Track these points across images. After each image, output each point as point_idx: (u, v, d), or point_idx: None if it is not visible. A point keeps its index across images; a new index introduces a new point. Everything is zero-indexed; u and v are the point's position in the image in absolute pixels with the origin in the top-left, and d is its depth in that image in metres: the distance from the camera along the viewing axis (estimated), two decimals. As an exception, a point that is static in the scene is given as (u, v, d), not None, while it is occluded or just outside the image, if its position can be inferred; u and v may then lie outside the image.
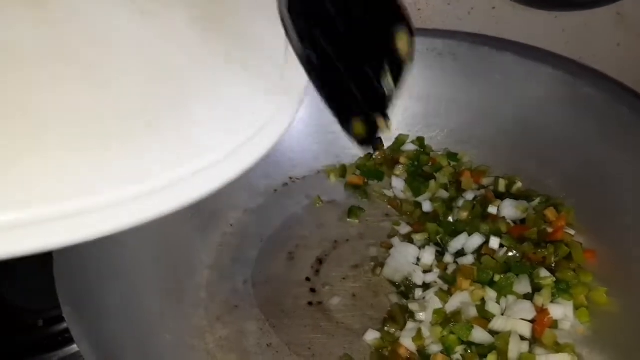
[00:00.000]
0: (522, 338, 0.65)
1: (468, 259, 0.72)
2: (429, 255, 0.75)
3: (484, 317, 0.66)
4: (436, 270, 0.73)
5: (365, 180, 0.88)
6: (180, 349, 0.67)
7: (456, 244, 0.74)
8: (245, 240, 0.81)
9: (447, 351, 0.64)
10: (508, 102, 0.86)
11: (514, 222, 0.77)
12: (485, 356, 0.63)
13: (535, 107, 0.84)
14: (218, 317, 0.72)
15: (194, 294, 0.74)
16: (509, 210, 0.77)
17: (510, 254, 0.71)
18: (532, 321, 0.66)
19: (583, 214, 0.77)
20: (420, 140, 0.90)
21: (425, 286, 0.73)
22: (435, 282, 0.72)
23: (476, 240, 0.73)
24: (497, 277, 0.69)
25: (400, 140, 0.90)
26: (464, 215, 0.77)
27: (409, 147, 0.90)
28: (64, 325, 0.75)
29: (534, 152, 0.84)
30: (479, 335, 0.64)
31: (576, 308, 0.68)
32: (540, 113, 0.83)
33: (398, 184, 0.86)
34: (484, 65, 0.86)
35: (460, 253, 0.74)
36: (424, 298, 0.71)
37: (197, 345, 0.69)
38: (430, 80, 0.89)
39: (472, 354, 0.64)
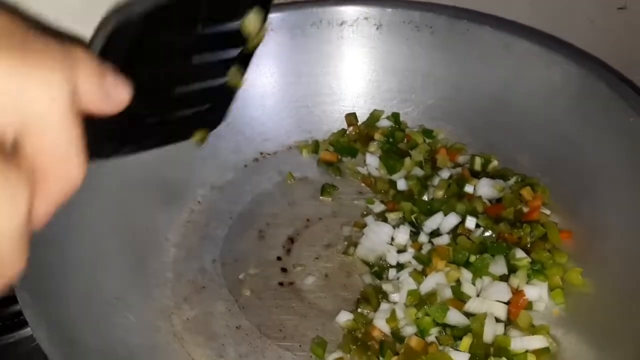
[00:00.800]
0: (497, 320, 0.64)
1: (443, 239, 0.70)
2: (403, 235, 0.73)
3: (459, 299, 0.65)
4: (411, 250, 0.72)
5: (339, 157, 0.85)
6: (145, 331, 0.64)
7: (431, 223, 0.73)
8: (214, 218, 0.78)
9: (422, 333, 0.63)
10: (485, 77, 0.84)
11: (490, 201, 0.75)
12: (460, 338, 0.62)
13: (512, 83, 0.82)
14: (185, 297, 0.70)
15: (160, 274, 0.71)
16: (486, 189, 0.75)
17: (486, 234, 0.70)
18: (507, 303, 0.65)
19: (559, 193, 0.76)
20: (395, 116, 0.87)
21: (399, 266, 0.71)
22: (410, 263, 0.70)
23: (452, 219, 0.72)
24: (472, 258, 0.67)
25: (375, 116, 0.87)
26: (440, 194, 0.76)
27: (384, 123, 0.87)
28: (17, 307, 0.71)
29: (510, 130, 0.82)
30: (454, 317, 0.63)
31: (551, 289, 0.67)
32: (517, 89, 0.82)
33: (372, 161, 0.83)
34: (462, 39, 0.83)
35: (435, 233, 0.73)
36: (398, 278, 0.69)
37: (163, 326, 0.66)
38: (406, 54, 0.87)
39: (447, 336, 0.62)
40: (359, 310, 0.67)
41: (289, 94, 0.88)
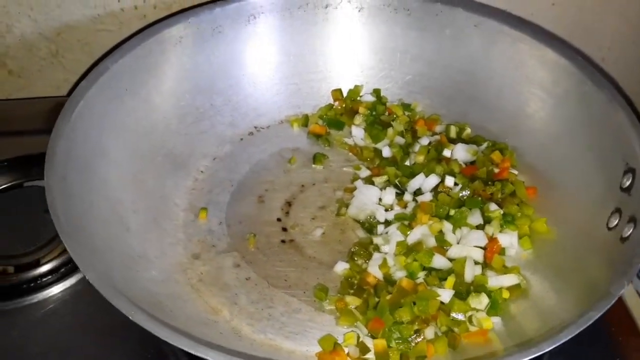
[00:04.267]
0: (476, 262, 0.73)
1: (426, 197, 0.79)
2: (389, 196, 0.82)
3: (442, 246, 0.74)
4: (397, 208, 0.81)
5: (327, 130, 0.93)
6: (166, 283, 0.72)
7: (414, 184, 0.82)
8: (217, 186, 0.85)
9: (411, 276, 0.72)
10: (457, 54, 0.92)
11: (465, 163, 0.84)
12: (444, 279, 0.71)
13: (481, 59, 0.91)
14: (197, 255, 0.77)
15: (172, 234, 0.79)
16: (461, 153, 0.85)
17: (463, 192, 0.79)
18: (483, 248, 0.74)
19: (525, 156, 0.86)
20: (376, 92, 0.95)
21: (387, 222, 0.80)
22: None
23: (433, 180, 0.81)
24: (452, 212, 0.77)
25: (356, 90, 0.95)
26: (420, 158, 0.85)
27: (367, 98, 0.95)
28: (36, 271, 0.77)
29: (480, 101, 0.91)
30: (439, 261, 0.72)
31: (520, 237, 0.77)
32: (485, 64, 0.91)
33: (358, 133, 0.92)
34: (436, 20, 0.92)
35: (418, 192, 0.82)
36: (387, 232, 0.78)
37: (180, 279, 0.73)
38: (385, 34, 0.95)
39: (433, 278, 0.71)
40: (354, 260, 0.76)
41: (279, 73, 0.95)
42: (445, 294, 0.69)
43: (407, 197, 0.81)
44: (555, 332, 0.55)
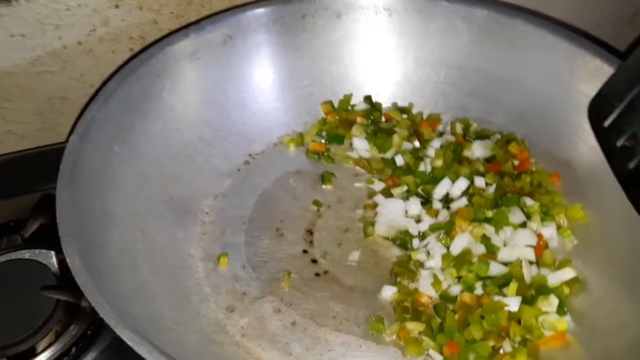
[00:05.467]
0: (530, 263, 0.70)
1: (462, 202, 0.75)
2: (415, 206, 0.77)
3: (492, 252, 0.71)
4: (427, 218, 0.76)
5: (327, 146, 0.87)
6: (210, 346, 0.64)
7: (441, 189, 0.78)
8: (228, 226, 0.78)
9: (469, 289, 0.67)
10: (445, 48, 0.89)
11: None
12: (503, 286, 0.67)
13: (473, 50, 0.87)
14: (231, 308, 0.69)
15: (198, 290, 0.71)
16: (480, 150, 0.81)
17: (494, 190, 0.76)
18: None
19: (536, 143, 0.83)
20: (368, 99, 0.91)
21: (422, 235, 0.75)
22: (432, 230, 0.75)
23: (462, 183, 0.77)
24: (490, 213, 0.73)
25: (346, 99, 0.90)
26: (439, 162, 0.81)
27: (361, 106, 0.90)
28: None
29: (475, 93, 0.88)
30: (495, 268, 0.68)
31: (558, 227, 0.74)
32: (477, 55, 0.87)
33: (361, 144, 0.86)
34: (420, 17, 0.88)
35: (446, 198, 0.78)
36: (425, 246, 0.73)
37: (223, 340, 0.66)
38: (368, 38, 0.90)
39: (492, 287, 0.68)
40: (399, 281, 0.71)
41: (264, 93, 0.88)
42: (513, 302, 0.65)
43: (437, 204, 0.77)
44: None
